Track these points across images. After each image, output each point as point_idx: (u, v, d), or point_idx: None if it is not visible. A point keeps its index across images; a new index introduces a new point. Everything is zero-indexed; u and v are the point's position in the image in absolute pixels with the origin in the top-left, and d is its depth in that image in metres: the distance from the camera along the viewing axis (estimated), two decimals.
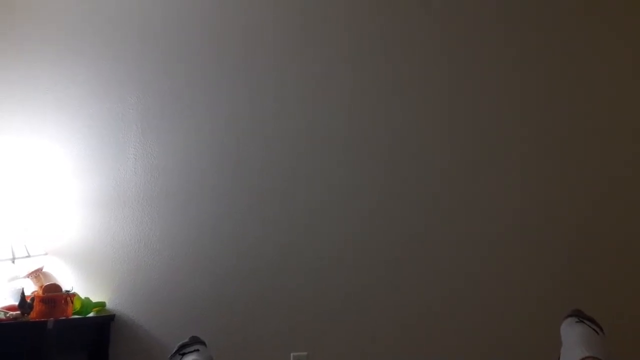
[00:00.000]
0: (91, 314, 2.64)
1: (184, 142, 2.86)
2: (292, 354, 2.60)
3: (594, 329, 1.79)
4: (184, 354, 1.86)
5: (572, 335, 1.78)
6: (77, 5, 3.03)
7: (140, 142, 2.88)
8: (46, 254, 2.75)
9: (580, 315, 1.86)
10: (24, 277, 2.66)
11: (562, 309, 1.94)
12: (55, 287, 2.52)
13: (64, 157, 2.89)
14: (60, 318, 2.39)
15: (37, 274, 2.68)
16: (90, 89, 2.95)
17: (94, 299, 2.69)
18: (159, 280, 2.74)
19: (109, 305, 2.72)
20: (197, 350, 1.89)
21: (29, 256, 2.68)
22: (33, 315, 2.38)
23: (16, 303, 2.42)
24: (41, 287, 2.54)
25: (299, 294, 2.67)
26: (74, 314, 2.54)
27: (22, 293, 2.42)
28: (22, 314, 2.38)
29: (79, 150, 2.90)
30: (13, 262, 2.64)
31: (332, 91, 2.83)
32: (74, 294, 2.57)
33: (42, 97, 2.97)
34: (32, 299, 2.42)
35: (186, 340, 1.96)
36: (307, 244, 2.71)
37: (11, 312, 2.39)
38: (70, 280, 2.72)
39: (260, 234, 2.74)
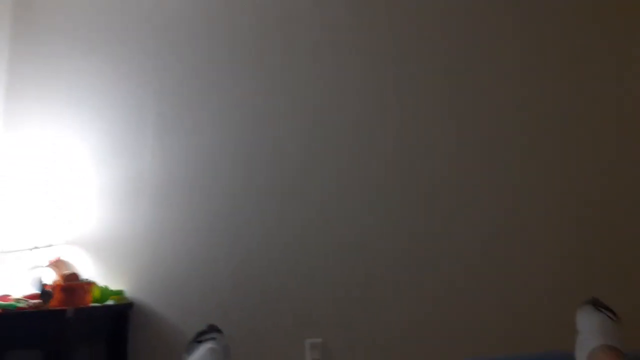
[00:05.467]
0: (110, 302, 2.68)
1: (199, 135, 2.88)
2: (307, 341, 2.63)
3: (610, 317, 1.78)
4: (200, 341, 1.89)
5: (589, 323, 1.77)
6: (99, 6, 3.08)
7: (157, 134, 2.91)
8: (67, 243, 2.80)
9: (597, 304, 1.85)
10: (45, 265, 2.71)
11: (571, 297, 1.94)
12: (75, 276, 2.56)
13: (84, 149, 2.93)
14: (80, 306, 2.43)
15: (57, 263, 2.73)
16: (110, 82, 2.98)
17: (113, 287, 2.74)
18: (177, 269, 2.77)
19: (127, 294, 2.76)
20: (214, 338, 1.91)
21: (50, 245, 2.73)
22: (53, 304, 2.42)
23: (37, 291, 2.47)
24: (61, 275, 2.58)
25: (314, 281, 2.69)
26: (93, 302, 2.58)
27: (43, 282, 2.46)
28: (43, 302, 2.42)
29: (98, 143, 2.93)
30: (34, 251, 2.69)
31: (338, 93, 2.86)
32: (93, 283, 2.61)
33: (65, 90, 3.00)
34: (53, 288, 2.46)
35: (204, 328, 1.99)
36: (322, 232, 2.73)
37: (32, 301, 2.43)
38: (89, 269, 2.77)
39: (277, 222, 2.76)
